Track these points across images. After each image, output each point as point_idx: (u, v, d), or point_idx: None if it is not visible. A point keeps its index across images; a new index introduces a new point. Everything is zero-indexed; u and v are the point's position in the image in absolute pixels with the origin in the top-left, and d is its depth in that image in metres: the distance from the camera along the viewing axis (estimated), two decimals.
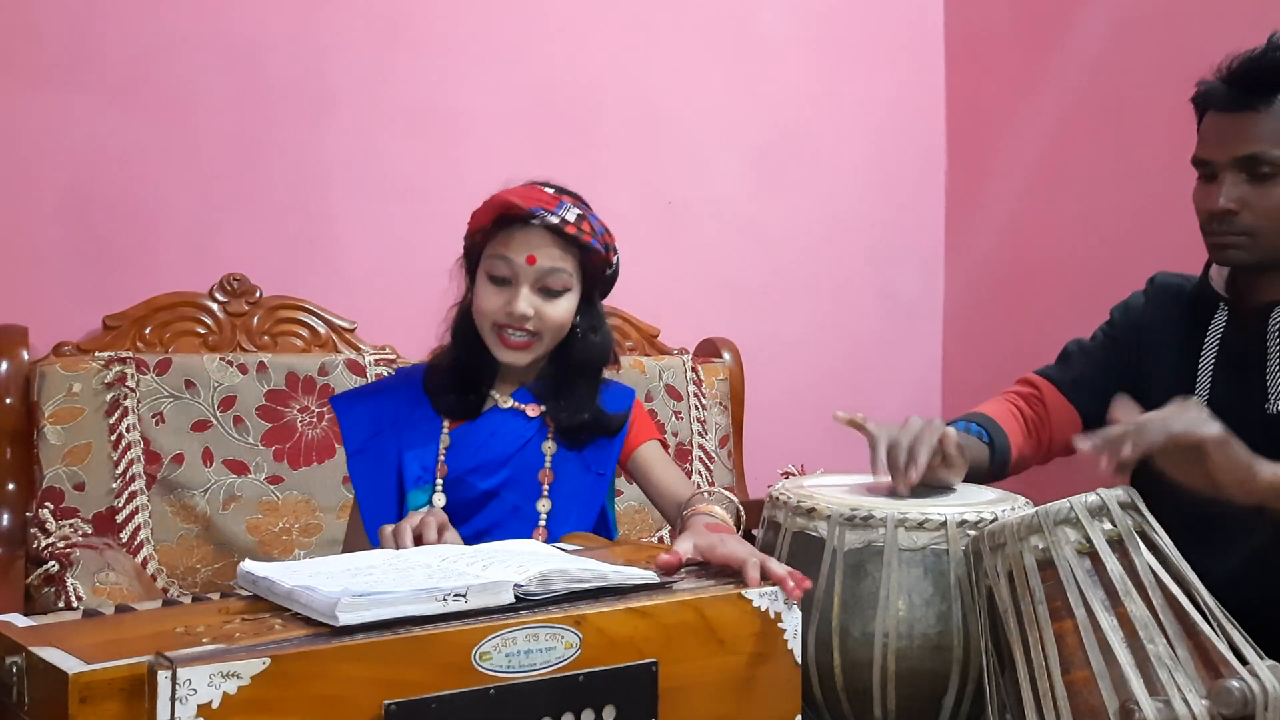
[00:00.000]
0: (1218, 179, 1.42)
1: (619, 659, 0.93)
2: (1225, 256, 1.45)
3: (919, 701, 1.20)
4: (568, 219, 1.39)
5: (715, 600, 1.00)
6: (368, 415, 1.48)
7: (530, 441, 1.46)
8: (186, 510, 1.83)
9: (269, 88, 2.09)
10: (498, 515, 1.44)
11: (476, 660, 0.87)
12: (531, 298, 1.40)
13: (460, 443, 1.46)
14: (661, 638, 0.96)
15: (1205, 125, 1.45)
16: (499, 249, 1.40)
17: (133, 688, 0.77)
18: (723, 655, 1.00)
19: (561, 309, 1.43)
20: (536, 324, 1.41)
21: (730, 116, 2.52)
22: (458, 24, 2.25)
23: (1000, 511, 1.21)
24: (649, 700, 0.95)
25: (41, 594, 1.58)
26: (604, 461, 1.49)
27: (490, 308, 1.41)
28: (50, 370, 1.79)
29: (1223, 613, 1.05)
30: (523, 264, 1.39)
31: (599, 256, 1.45)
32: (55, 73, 1.94)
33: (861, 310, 2.69)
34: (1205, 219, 1.44)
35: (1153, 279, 1.64)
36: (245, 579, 0.98)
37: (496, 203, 1.40)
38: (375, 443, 1.46)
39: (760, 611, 1.03)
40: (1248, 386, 1.44)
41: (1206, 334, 1.50)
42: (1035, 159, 2.53)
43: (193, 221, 2.04)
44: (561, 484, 1.46)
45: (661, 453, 1.53)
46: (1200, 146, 1.45)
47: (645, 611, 0.96)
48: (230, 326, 1.99)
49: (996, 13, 2.62)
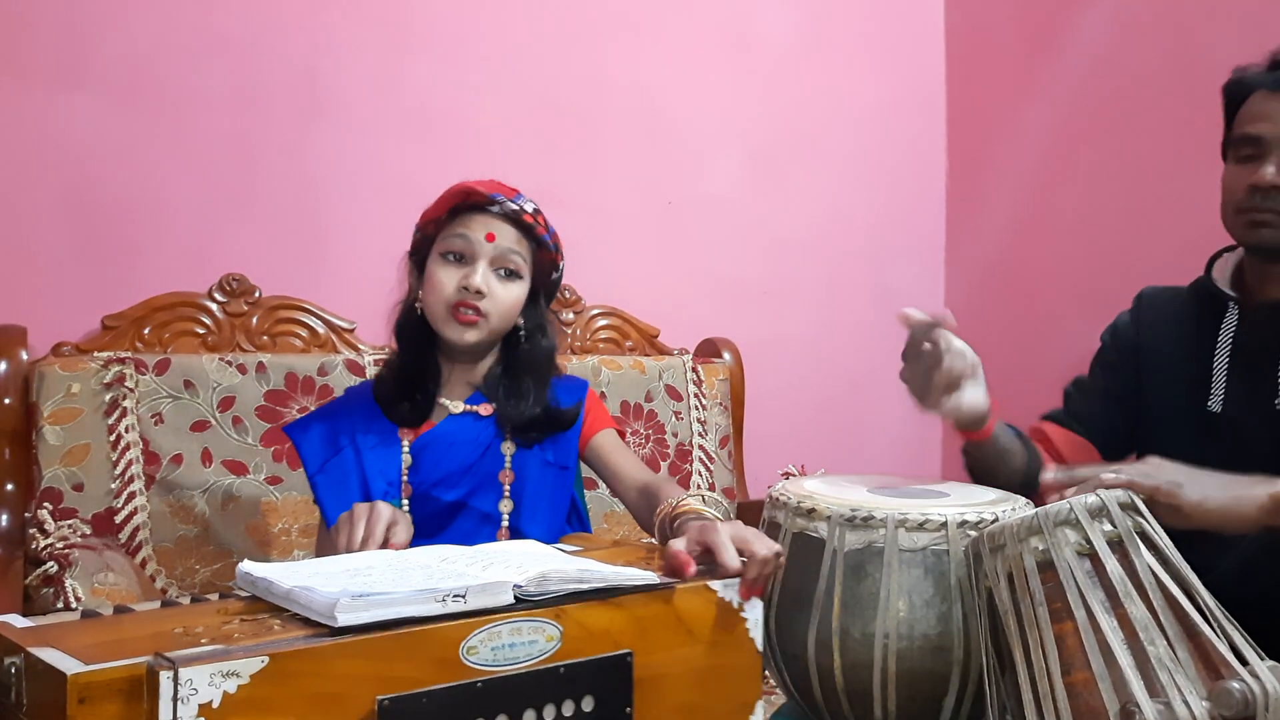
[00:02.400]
0: (1266, 156, 1.40)
1: (597, 650, 0.96)
2: (1259, 235, 1.43)
3: (919, 702, 1.20)
4: (525, 209, 1.43)
5: (683, 591, 1.03)
6: (324, 436, 1.47)
7: (490, 447, 1.46)
8: (185, 511, 1.83)
9: (268, 88, 2.08)
10: (468, 525, 1.44)
11: (464, 654, 0.89)
12: (488, 274, 1.41)
13: (421, 457, 1.45)
14: (636, 629, 0.99)
15: (1251, 106, 1.44)
16: (457, 229, 1.42)
17: (132, 688, 0.77)
18: (691, 645, 1.03)
19: (513, 294, 1.43)
20: (489, 304, 1.41)
21: (730, 116, 2.52)
22: (458, 24, 2.24)
23: (1000, 512, 1.21)
24: (624, 690, 0.97)
25: (40, 595, 1.58)
26: (564, 454, 1.50)
27: (447, 284, 1.41)
28: (49, 370, 1.79)
29: (1223, 613, 1.05)
30: (481, 240, 1.40)
31: (550, 255, 1.47)
32: (54, 72, 1.94)
33: (862, 310, 2.69)
34: (1244, 195, 1.42)
35: (1140, 295, 1.64)
36: (244, 580, 0.98)
37: (456, 190, 1.42)
38: (336, 462, 1.45)
39: (724, 602, 1.06)
40: (1261, 384, 1.44)
41: (1219, 334, 1.50)
42: (1035, 159, 2.53)
43: (192, 221, 2.03)
44: (524, 483, 1.46)
45: (618, 440, 1.54)
46: (1246, 125, 1.43)
47: (620, 604, 0.98)
48: (229, 327, 1.98)
49: (996, 13, 2.63)
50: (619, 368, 2.23)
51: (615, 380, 2.21)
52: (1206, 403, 1.50)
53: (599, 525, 2.09)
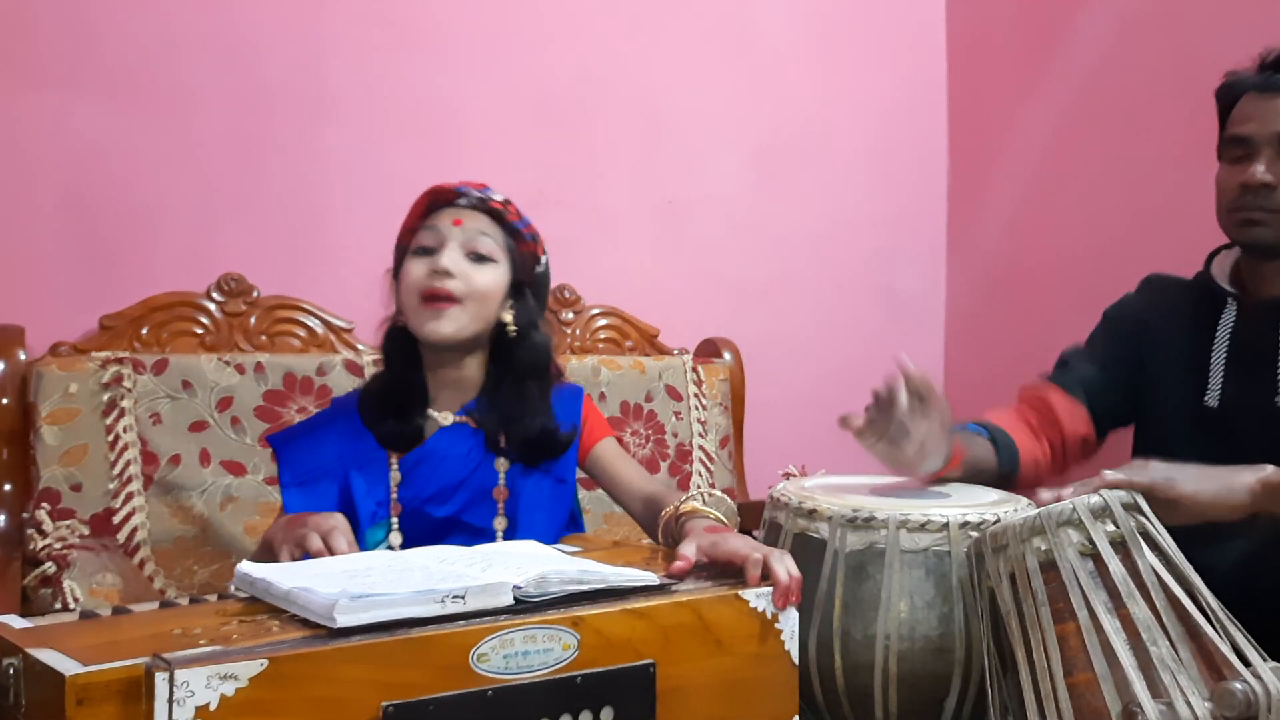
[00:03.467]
0: (1255, 156, 1.43)
1: (617, 660, 0.93)
2: (1250, 234, 1.45)
3: (920, 704, 1.19)
4: (494, 198, 1.42)
5: (713, 601, 1.00)
6: (308, 452, 1.43)
7: (482, 461, 1.42)
8: (184, 511, 1.82)
9: (267, 87, 2.08)
10: (460, 541, 1.39)
11: (474, 662, 0.87)
12: (458, 258, 1.38)
13: (411, 473, 1.41)
14: (659, 639, 0.96)
15: (1242, 107, 1.46)
16: (427, 224, 1.41)
17: (130, 689, 0.77)
18: (720, 656, 1.00)
19: (488, 277, 1.39)
20: (459, 285, 1.36)
21: (731, 116, 2.52)
22: (457, 23, 2.24)
23: (1002, 513, 1.20)
24: (647, 701, 0.94)
25: (38, 595, 1.57)
26: (563, 467, 1.46)
27: (416, 275, 1.38)
28: (47, 371, 1.79)
29: (1226, 614, 1.05)
30: (448, 226, 1.39)
31: (528, 246, 1.45)
32: (52, 72, 1.93)
33: (863, 310, 2.68)
34: (1236, 195, 1.45)
35: (1148, 279, 1.65)
36: (243, 580, 0.98)
37: (426, 193, 1.42)
38: (318, 481, 1.41)
39: (758, 612, 1.03)
40: (1257, 380, 1.45)
41: (1216, 330, 1.50)
42: (1037, 158, 2.52)
43: (190, 221, 2.03)
44: (520, 498, 1.42)
45: (619, 449, 1.50)
46: (1237, 126, 1.46)
47: (643, 612, 0.95)
48: (228, 326, 1.98)
49: (998, 12, 2.62)
50: (619, 368, 2.22)
51: (615, 380, 2.20)
52: (1204, 398, 1.50)
53: (599, 526, 2.09)
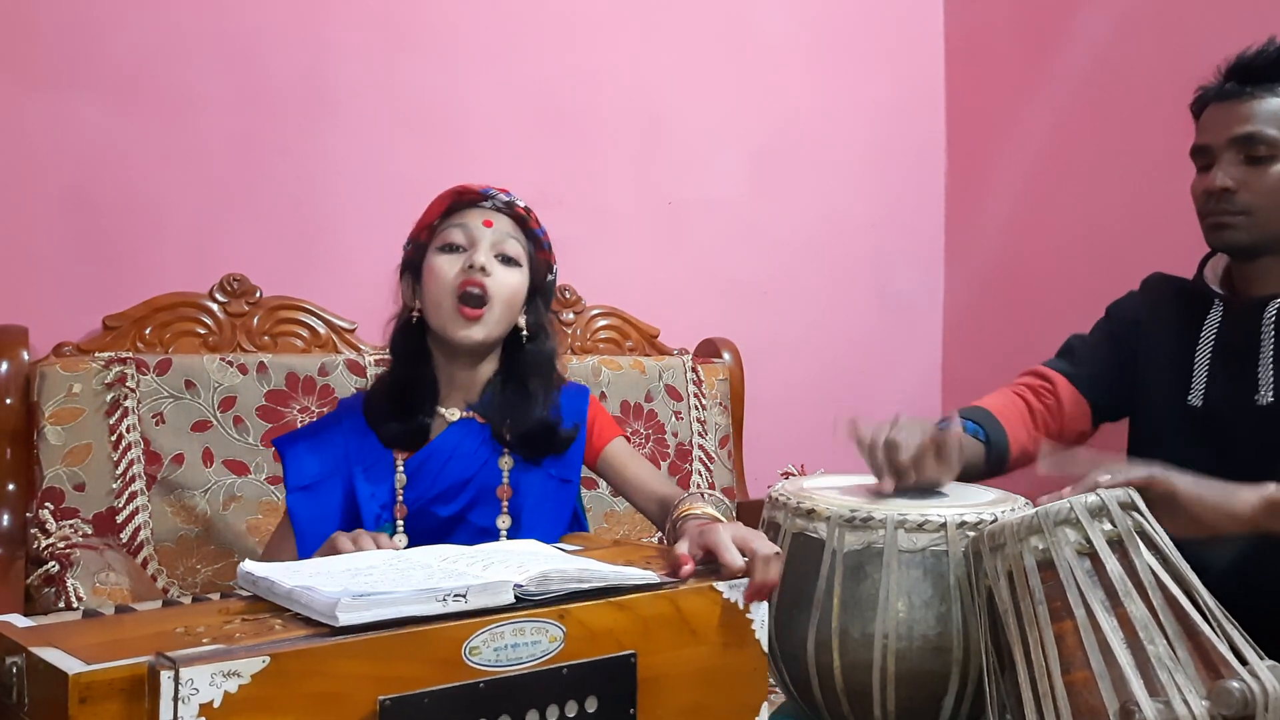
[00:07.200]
0: (1216, 162, 1.46)
1: (600, 651, 0.95)
2: (1222, 238, 1.48)
3: (919, 702, 1.20)
4: (519, 204, 1.43)
5: (688, 592, 1.03)
6: (314, 454, 1.43)
7: (488, 459, 1.42)
8: (186, 511, 1.83)
9: (270, 88, 2.09)
10: (464, 540, 1.38)
11: (467, 655, 0.88)
12: (490, 258, 1.38)
13: (417, 473, 1.41)
14: (639, 629, 0.98)
15: (1204, 117, 1.50)
16: (454, 222, 1.40)
17: (133, 688, 0.77)
18: (695, 645, 1.02)
19: (515, 280, 1.40)
20: (494, 284, 1.37)
21: (730, 116, 2.53)
22: (459, 24, 2.25)
23: (1000, 512, 1.21)
24: (628, 691, 0.97)
25: (41, 594, 1.58)
26: (567, 467, 1.46)
27: (449, 270, 1.37)
28: (50, 370, 1.79)
29: (1223, 613, 1.05)
30: (479, 226, 1.39)
31: (545, 254, 1.46)
32: (56, 73, 1.94)
33: (861, 310, 2.69)
34: (1202, 201, 1.48)
35: (1148, 279, 1.67)
36: (245, 579, 0.98)
37: (448, 191, 1.41)
38: (323, 483, 1.41)
39: (729, 603, 1.05)
40: (1240, 379, 1.46)
41: (1202, 329, 1.52)
42: (1035, 158, 2.53)
43: (193, 221, 2.04)
44: (523, 497, 1.42)
45: (629, 449, 1.51)
46: (1199, 136, 1.50)
47: (624, 604, 0.98)
48: (230, 327, 1.99)
49: (996, 12, 2.63)
50: (619, 368, 2.23)
51: (615, 380, 2.21)
52: (1187, 397, 1.51)
53: (599, 525, 2.09)
